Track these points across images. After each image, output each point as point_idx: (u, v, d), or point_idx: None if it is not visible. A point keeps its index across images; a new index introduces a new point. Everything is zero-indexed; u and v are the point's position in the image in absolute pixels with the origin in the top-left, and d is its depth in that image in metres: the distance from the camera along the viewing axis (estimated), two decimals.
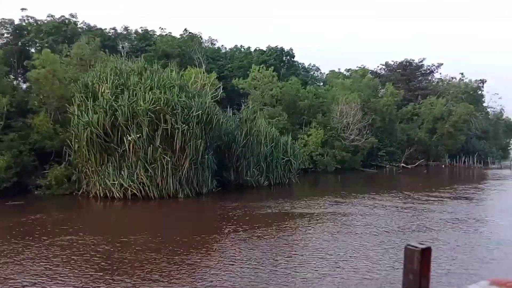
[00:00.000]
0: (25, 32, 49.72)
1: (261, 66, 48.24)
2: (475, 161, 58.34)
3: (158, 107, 25.49)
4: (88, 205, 26.08)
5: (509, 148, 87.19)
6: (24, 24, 49.87)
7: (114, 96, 26.26)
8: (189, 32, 50.70)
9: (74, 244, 15.96)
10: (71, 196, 27.72)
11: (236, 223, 20.79)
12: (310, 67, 68.39)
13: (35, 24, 50.05)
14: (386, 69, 72.48)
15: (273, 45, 58.20)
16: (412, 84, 68.58)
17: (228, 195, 29.77)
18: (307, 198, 28.49)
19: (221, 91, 40.58)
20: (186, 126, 25.78)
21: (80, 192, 27.70)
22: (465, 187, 36.14)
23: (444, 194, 31.29)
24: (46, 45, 48.87)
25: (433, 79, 72.29)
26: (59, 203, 26.59)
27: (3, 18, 48.99)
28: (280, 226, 19.93)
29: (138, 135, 25.27)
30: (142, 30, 52.65)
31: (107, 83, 27.00)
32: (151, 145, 25.65)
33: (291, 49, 56.92)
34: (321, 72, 68.94)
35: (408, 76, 69.08)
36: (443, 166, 57.78)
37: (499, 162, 61.63)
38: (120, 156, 26.22)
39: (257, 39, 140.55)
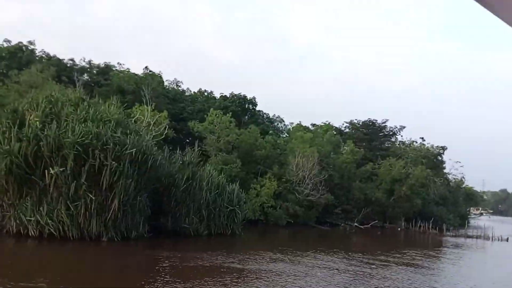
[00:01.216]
0: None
1: (219, 111, 47.06)
2: (430, 227, 57.45)
3: (86, 141, 23.60)
4: None
5: (468, 216, 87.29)
6: None
7: (41, 125, 24.30)
8: (150, 71, 49.60)
9: None
10: None
11: (156, 275, 18.77)
12: (274, 117, 67.84)
13: None
14: (350, 127, 72.57)
15: (236, 92, 57.70)
16: (374, 144, 68.55)
17: (160, 243, 27.61)
18: (246, 252, 26.53)
19: (168, 130, 39.16)
20: (116, 164, 23.86)
21: None
22: (415, 252, 34.73)
23: (392, 258, 29.84)
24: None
25: (395, 141, 72.59)
26: None
27: None
28: (201, 282, 17.92)
29: (62, 169, 23.18)
30: (103, 64, 51.38)
31: (37, 111, 25.08)
32: (75, 181, 23.53)
33: (254, 98, 56.40)
34: (284, 124, 68.42)
35: (371, 136, 69.14)
36: (399, 229, 56.65)
37: (454, 229, 60.96)
38: (41, 190, 23.93)
39: (225, 87, 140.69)
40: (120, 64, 49.23)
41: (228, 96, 57.26)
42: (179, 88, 63.73)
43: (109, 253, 23.60)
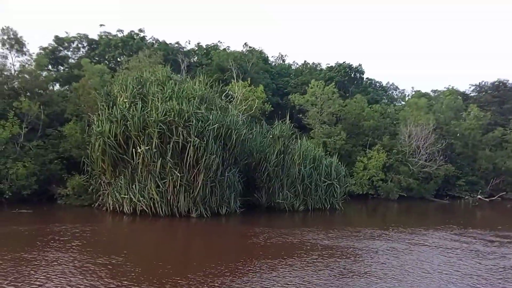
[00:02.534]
0: (97, 46, 51.69)
1: (321, 82, 44.92)
2: None
3: (169, 118, 23.68)
4: (94, 219, 24.72)
5: None
6: (97, 39, 51.87)
7: (130, 106, 24.98)
8: (249, 47, 49.17)
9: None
10: (88, 208, 26.77)
11: (241, 252, 18.40)
12: (388, 85, 63.44)
13: (106, 38, 51.65)
14: (476, 90, 65.09)
15: (347, 62, 54.69)
16: (506, 107, 60.52)
17: (253, 218, 27.06)
18: (343, 229, 24.72)
19: (266, 104, 38.39)
20: (198, 140, 23.62)
21: (97, 204, 26.64)
22: None
23: None
24: (112, 58, 50.59)
25: None
26: (69, 214, 25.78)
27: (78, 33, 51.52)
28: (276, 259, 16.81)
29: (147, 147, 23.63)
30: (206, 46, 52.34)
31: (126, 92, 25.87)
32: (161, 159, 23.84)
33: (360, 65, 52.95)
34: (400, 91, 63.59)
35: (501, 98, 61.18)
36: None
37: None
38: (133, 169, 24.75)
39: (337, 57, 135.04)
40: (221, 42, 49.55)
41: (333, 66, 54.67)
42: (284, 62, 62.78)
43: (197, 229, 23.59)
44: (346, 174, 33.37)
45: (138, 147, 23.93)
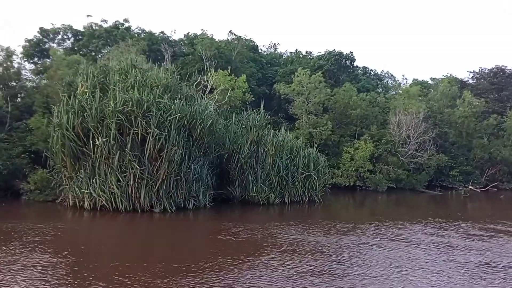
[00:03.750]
0: (82, 37, 50.64)
1: (307, 70, 43.48)
2: None
3: (127, 109, 22.47)
4: (55, 215, 23.51)
5: None
6: (82, 30, 50.82)
7: (88, 96, 23.78)
8: (234, 35, 47.68)
9: None
10: (51, 204, 25.62)
11: (201, 248, 17.33)
12: (383, 74, 61.79)
13: (91, 29, 50.60)
14: (474, 78, 63.24)
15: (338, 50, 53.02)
16: (504, 94, 58.70)
17: (224, 213, 25.84)
18: (317, 223, 23.54)
19: (247, 94, 37.14)
20: (158, 131, 22.41)
21: (60, 199, 25.54)
22: None
23: (506, 228, 24.36)
24: (95, 48, 49.41)
25: None
26: (30, 210, 24.81)
27: (63, 24, 50.54)
28: (237, 258, 15.57)
29: (105, 139, 22.45)
30: (189, 34, 51.04)
31: (87, 81, 24.68)
32: (119, 152, 22.66)
33: (351, 53, 51.26)
34: (395, 80, 61.92)
35: (499, 85, 59.33)
36: None
37: None
38: (93, 162, 23.57)
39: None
40: (204, 31, 48.14)
41: (323, 54, 53.12)
42: (276, 51, 61.36)
43: (160, 225, 22.39)
44: (326, 164, 31.96)
45: (96, 139, 22.75)
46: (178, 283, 12.57)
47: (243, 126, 28.18)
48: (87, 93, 24.12)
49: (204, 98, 28.76)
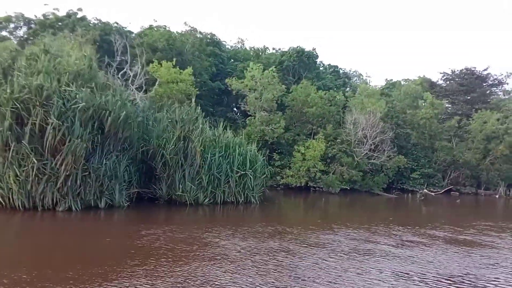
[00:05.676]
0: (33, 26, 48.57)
1: (259, 65, 41.61)
2: None
3: (24, 95, 20.30)
4: None
5: None
6: (34, 18, 48.67)
7: None
8: (190, 27, 45.65)
9: None
10: None
11: (102, 255, 14.96)
12: (351, 72, 60.14)
13: (42, 18, 48.56)
14: (444, 79, 61.93)
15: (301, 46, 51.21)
16: (472, 96, 57.38)
17: (141, 213, 23.61)
18: (240, 226, 21.46)
19: (191, 87, 35.13)
20: (57, 122, 20.26)
21: None
22: (491, 226, 26.37)
23: (444, 233, 22.61)
24: (45, 37, 47.08)
25: (502, 91, 60.26)
26: None
27: (14, 12, 48.44)
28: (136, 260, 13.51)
29: None
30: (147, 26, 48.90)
31: None
32: (14, 143, 20.45)
33: (314, 49, 49.38)
34: (362, 79, 60.33)
35: (468, 87, 57.98)
36: (496, 196, 46.43)
37: None
38: None
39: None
40: (155, 21, 46.09)
41: (287, 51, 51.31)
42: (243, 47, 59.48)
43: (61, 226, 20.18)
44: (265, 164, 30.04)
45: None
46: None
47: (169, 120, 26.07)
48: None
49: (132, 89, 26.60)
